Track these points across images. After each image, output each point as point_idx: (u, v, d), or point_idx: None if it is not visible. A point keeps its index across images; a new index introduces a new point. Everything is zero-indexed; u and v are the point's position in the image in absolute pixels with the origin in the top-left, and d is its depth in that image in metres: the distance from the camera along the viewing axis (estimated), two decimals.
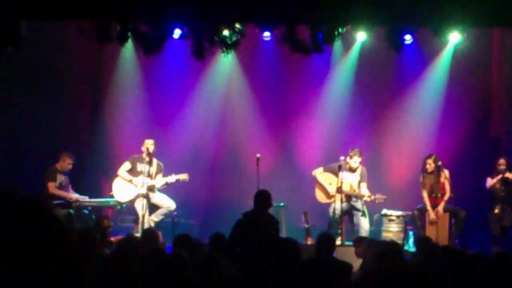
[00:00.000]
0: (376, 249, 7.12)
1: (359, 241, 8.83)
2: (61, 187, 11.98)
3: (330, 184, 12.09)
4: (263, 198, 9.06)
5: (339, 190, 11.61)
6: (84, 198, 12.18)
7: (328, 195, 12.09)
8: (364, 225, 11.83)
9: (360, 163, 12.07)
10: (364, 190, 11.90)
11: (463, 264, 5.69)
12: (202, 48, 10.75)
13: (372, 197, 11.71)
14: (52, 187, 11.84)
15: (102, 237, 8.14)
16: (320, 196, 12.25)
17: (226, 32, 10.70)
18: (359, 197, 11.88)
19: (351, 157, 12.01)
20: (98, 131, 14.42)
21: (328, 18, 10.21)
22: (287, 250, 6.14)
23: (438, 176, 11.98)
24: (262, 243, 7.61)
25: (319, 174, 12.24)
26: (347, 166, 11.99)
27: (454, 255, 6.14)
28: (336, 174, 11.76)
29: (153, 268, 5.43)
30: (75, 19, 10.79)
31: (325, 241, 7.37)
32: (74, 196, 12.06)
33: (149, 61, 14.44)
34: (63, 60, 13.47)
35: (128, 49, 14.27)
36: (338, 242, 10.56)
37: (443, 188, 12.00)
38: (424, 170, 12.13)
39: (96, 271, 5.53)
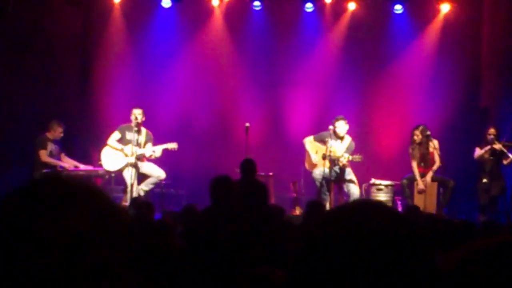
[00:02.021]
0: None
1: None
2: (51, 155, 11.93)
3: (316, 152, 12.06)
4: (250, 166, 9.14)
5: (325, 156, 11.57)
6: (80, 166, 12.17)
7: (311, 164, 12.06)
8: (354, 191, 11.77)
9: (347, 130, 12.00)
10: (342, 159, 11.76)
11: (449, 232, 5.70)
12: None
13: (351, 157, 11.62)
14: (43, 155, 11.77)
15: None
16: (308, 163, 12.26)
17: None
18: (338, 162, 11.74)
19: (335, 125, 11.93)
20: (87, 100, 14.37)
21: None
22: (271, 217, 6.14)
23: (427, 146, 11.99)
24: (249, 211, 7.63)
25: (308, 142, 12.22)
26: (335, 134, 11.94)
27: (440, 224, 6.15)
28: (324, 143, 11.74)
29: (138, 234, 5.41)
30: None
31: (314, 209, 7.38)
32: (67, 164, 12.02)
33: (138, 29, 14.42)
34: (51, 28, 13.35)
35: (117, 16, 14.22)
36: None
37: (432, 158, 12.02)
38: (412, 141, 12.14)
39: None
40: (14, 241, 1.23)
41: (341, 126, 11.91)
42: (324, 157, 11.61)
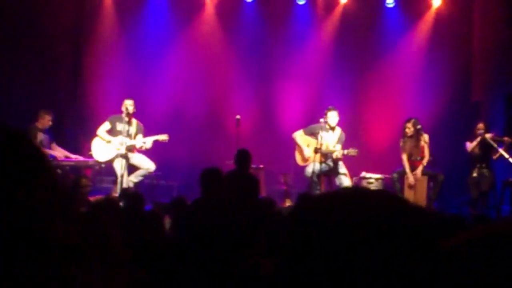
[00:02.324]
0: None
1: None
2: (41, 145, 11.85)
3: (308, 146, 12.05)
4: (244, 158, 9.17)
5: (317, 150, 11.59)
6: (70, 156, 12.13)
7: (304, 158, 12.06)
8: (347, 184, 11.78)
9: (338, 121, 11.99)
10: (336, 152, 11.78)
11: (439, 226, 5.71)
12: None
13: (345, 151, 11.64)
14: None
15: (80, 196, 8.09)
16: (298, 159, 12.23)
17: None
18: (332, 154, 11.76)
19: (326, 115, 11.93)
20: (78, 91, 14.34)
21: None
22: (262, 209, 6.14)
23: (418, 139, 11.99)
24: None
25: (299, 136, 12.20)
26: (327, 126, 11.93)
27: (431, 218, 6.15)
28: (315, 136, 11.74)
29: (129, 226, 5.41)
30: None
31: (303, 201, 7.36)
32: (57, 153, 11.97)
33: (130, 20, 14.38)
34: (42, 19, 13.30)
35: (109, 7, 14.18)
36: None
37: (422, 152, 12.03)
38: (404, 134, 12.15)
39: (73, 230, 5.49)
40: None
41: (333, 117, 11.91)
42: (316, 151, 11.61)
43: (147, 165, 11.80)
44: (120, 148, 11.61)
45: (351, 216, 1.38)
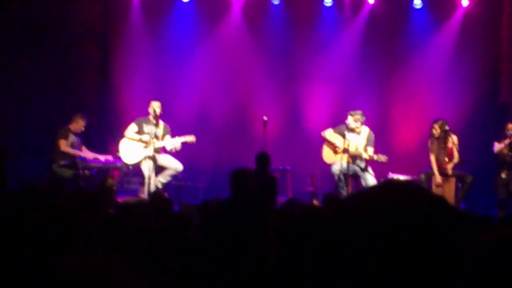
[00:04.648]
0: None
1: None
2: (72, 147, 11.96)
3: (339, 141, 11.99)
4: (264, 158, 9.35)
5: (345, 150, 11.59)
6: (100, 157, 12.21)
7: (336, 152, 11.99)
8: (371, 180, 11.71)
9: (362, 123, 11.96)
10: (366, 154, 11.79)
11: (467, 226, 5.68)
12: None
13: (375, 156, 11.63)
14: (64, 144, 11.80)
15: (107, 197, 8.14)
16: (327, 156, 12.15)
17: None
18: (362, 158, 11.78)
19: (350, 118, 11.93)
20: (105, 92, 14.42)
21: None
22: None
23: (445, 141, 11.91)
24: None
25: (329, 134, 12.17)
26: (349, 126, 11.93)
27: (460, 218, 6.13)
28: (344, 136, 11.73)
29: (156, 227, 5.43)
30: None
31: (331, 202, 7.37)
32: (86, 154, 12.04)
33: (157, 22, 14.45)
34: (71, 21, 13.43)
35: (136, 10, 14.27)
36: None
37: (451, 154, 11.94)
38: (431, 135, 12.08)
39: (100, 231, 5.52)
40: None
41: (350, 121, 11.91)
42: (344, 151, 11.61)
43: (175, 165, 11.82)
44: (148, 149, 11.65)
45: (384, 214, 1.40)
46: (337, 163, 11.75)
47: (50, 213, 2.32)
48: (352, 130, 11.89)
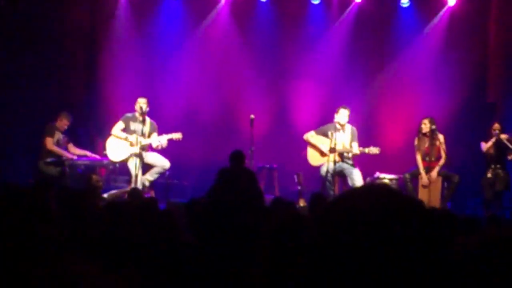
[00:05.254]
0: None
1: None
2: (58, 144, 11.93)
3: (323, 144, 11.99)
4: (240, 156, 9.39)
5: (332, 150, 11.57)
6: (87, 153, 12.17)
7: (322, 154, 11.97)
8: (358, 178, 11.70)
9: (349, 116, 11.94)
10: (356, 149, 11.80)
11: (453, 227, 5.69)
12: None
13: (366, 150, 11.63)
14: (50, 142, 11.77)
15: (92, 194, 8.11)
16: (312, 158, 12.14)
17: None
18: (352, 154, 11.78)
19: (338, 112, 11.91)
20: (93, 90, 14.37)
21: None
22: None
23: (433, 139, 11.94)
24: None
25: (311, 136, 12.15)
26: (337, 125, 11.90)
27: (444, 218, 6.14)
28: (327, 136, 11.72)
29: (143, 225, 5.41)
30: None
31: (317, 201, 7.39)
32: (70, 155, 12.00)
33: (144, 20, 14.42)
34: (58, 18, 13.38)
35: (123, 7, 14.22)
36: None
37: (438, 152, 11.96)
38: (419, 130, 12.08)
39: (88, 229, 5.50)
40: None
41: (344, 115, 11.85)
42: (331, 151, 11.59)
43: (162, 162, 11.80)
44: (135, 147, 11.63)
45: (360, 219, 1.46)
46: (324, 164, 11.75)
47: (32, 216, 2.30)
48: (338, 129, 11.88)
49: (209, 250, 5.13)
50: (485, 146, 11.81)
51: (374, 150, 11.61)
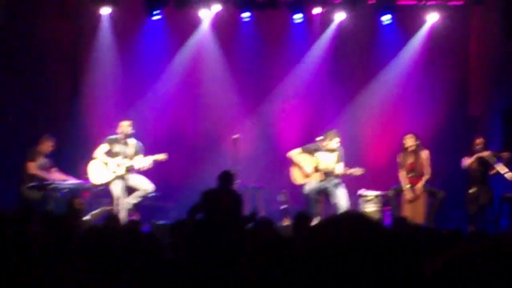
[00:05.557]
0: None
1: None
2: (42, 169, 11.87)
3: (306, 163, 12.02)
4: (229, 177, 9.39)
5: (316, 169, 11.60)
6: (68, 179, 12.11)
7: (305, 175, 12.01)
8: (342, 197, 11.72)
9: (339, 143, 12.03)
10: (339, 170, 11.83)
11: (437, 242, 5.71)
12: None
13: (348, 171, 11.68)
14: (32, 167, 11.70)
15: (74, 218, 8.08)
16: (297, 177, 12.18)
17: None
18: (334, 174, 11.81)
19: (330, 139, 11.95)
20: (76, 112, 14.30)
21: None
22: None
23: (417, 155, 11.98)
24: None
25: (296, 155, 12.16)
26: (325, 147, 11.94)
27: (428, 234, 6.16)
28: (313, 154, 11.75)
29: (127, 247, 5.38)
30: None
31: (301, 220, 7.40)
32: (54, 177, 11.93)
33: (127, 40, 14.40)
34: (42, 40, 13.37)
35: (106, 27, 14.21)
36: (315, 222, 10.54)
37: (421, 168, 11.99)
38: (403, 147, 12.13)
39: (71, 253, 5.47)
40: None
41: (335, 142, 11.93)
42: (316, 170, 11.62)
43: (145, 186, 11.77)
44: (118, 170, 11.59)
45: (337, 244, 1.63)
46: (308, 183, 11.77)
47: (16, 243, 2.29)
48: (328, 150, 11.92)
49: (193, 269, 5.12)
50: (467, 161, 11.85)
51: (358, 171, 11.66)
